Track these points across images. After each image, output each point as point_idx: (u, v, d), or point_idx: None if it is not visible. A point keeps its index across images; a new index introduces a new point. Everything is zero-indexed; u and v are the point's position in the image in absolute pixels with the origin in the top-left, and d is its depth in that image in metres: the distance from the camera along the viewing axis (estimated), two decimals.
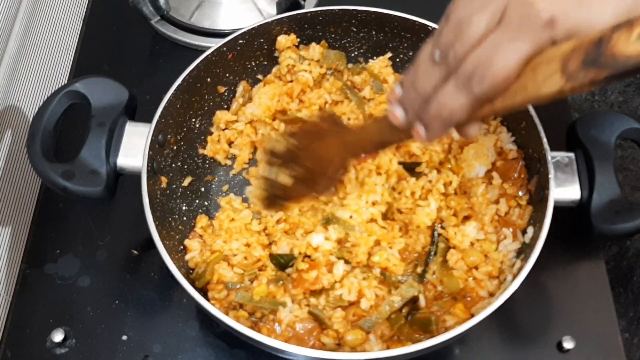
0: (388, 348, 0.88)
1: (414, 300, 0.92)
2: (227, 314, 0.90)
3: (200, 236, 0.99)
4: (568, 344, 0.95)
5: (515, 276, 0.84)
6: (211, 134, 1.09)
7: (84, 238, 1.04)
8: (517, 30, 0.59)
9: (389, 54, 1.11)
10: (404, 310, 0.92)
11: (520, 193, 0.97)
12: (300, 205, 0.99)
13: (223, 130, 1.09)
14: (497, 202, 0.98)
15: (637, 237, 1.06)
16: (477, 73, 0.61)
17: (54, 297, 0.99)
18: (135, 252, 1.03)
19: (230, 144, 1.09)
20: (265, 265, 0.96)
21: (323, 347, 0.88)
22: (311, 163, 0.86)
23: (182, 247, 0.97)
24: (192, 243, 0.97)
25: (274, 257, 0.96)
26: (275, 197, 0.89)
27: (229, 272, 0.93)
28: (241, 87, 1.10)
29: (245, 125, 1.08)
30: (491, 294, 0.91)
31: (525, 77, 0.61)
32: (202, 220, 1.01)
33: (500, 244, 0.94)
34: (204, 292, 0.92)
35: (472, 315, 0.84)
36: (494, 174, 0.99)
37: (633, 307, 1.07)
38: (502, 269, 0.92)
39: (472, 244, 0.96)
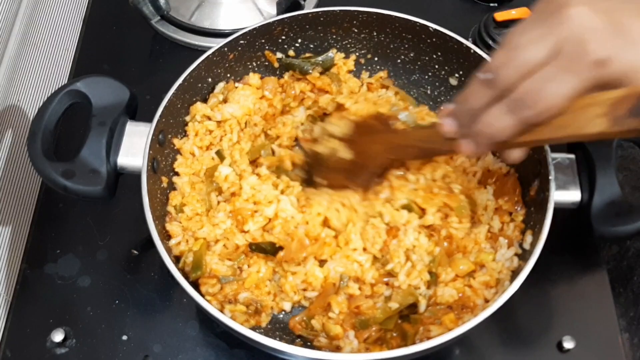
0: (367, 350, 0.89)
1: (413, 305, 0.92)
2: (222, 308, 0.90)
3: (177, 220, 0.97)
4: (568, 344, 0.95)
5: (512, 280, 0.84)
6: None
7: (84, 238, 1.04)
8: (569, 66, 0.63)
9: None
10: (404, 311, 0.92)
11: (517, 209, 0.96)
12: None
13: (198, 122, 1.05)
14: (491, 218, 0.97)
15: (638, 237, 1.05)
16: (527, 99, 0.65)
17: (54, 297, 0.99)
18: (135, 252, 1.03)
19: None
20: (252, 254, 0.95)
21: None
22: (356, 156, 0.91)
23: (164, 231, 0.95)
24: (173, 228, 0.95)
25: (256, 247, 0.94)
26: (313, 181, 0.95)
27: (222, 266, 0.93)
28: (222, 84, 1.07)
29: (218, 125, 1.05)
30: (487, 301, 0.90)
31: (572, 114, 0.65)
32: (176, 198, 0.98)
33: (497, 254, 0.93)
34: (195, 285, 0.91)
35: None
36: (490, 197, 0.98)
37: (633, 307, 1.07)
38: (499, 279, 0.91)
39: (464, 253, 0.95)
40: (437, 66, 1.09)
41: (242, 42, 1.04)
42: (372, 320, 0.90)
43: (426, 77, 1.12)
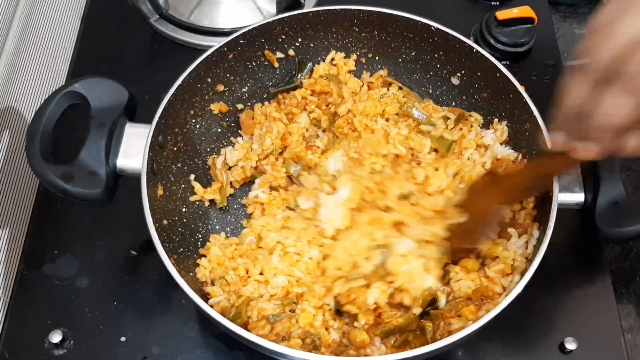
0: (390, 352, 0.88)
1: (433, 300, 0.92)
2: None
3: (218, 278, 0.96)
4: (570, 345, 0.95)
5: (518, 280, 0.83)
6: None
7: (83, 239, 1.04)
8: None
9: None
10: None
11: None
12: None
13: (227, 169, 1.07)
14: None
15: None
16: None
17: (52, 298, 0.99)
18: (134, 252, 1.03)
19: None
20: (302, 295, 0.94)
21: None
22: (471, 217, 0.91)
23: (193, 265, 0.96)
24: (214, 289, 0.93)
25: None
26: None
27: (268, 304, 0.91)
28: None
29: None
30: (505, 289, 0.90)
31: None
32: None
33: (508, 244, 0.93)
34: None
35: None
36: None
37: (636, 308, 1.07)
38: (515, 266, 0.91)
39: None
40: (438, 65, 1.09)
41: (241, 41, 1.03)
42: (395, 329, 0.90)
43: (427, 76, 1.11)
